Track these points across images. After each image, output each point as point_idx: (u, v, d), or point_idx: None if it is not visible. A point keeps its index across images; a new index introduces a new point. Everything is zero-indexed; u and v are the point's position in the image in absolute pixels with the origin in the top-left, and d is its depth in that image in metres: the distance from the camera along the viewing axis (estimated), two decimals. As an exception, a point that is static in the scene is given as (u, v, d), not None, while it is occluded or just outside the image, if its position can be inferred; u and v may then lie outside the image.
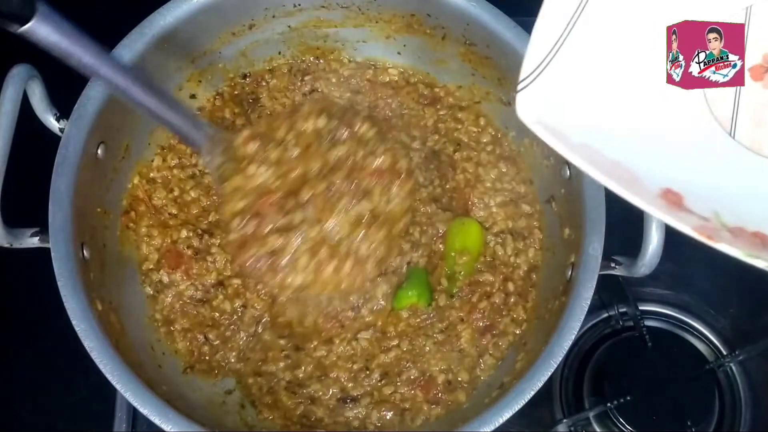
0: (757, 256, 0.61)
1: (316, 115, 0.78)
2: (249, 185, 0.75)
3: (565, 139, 0.64)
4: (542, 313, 0.85)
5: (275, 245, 0.73)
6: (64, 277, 0.74)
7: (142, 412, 0.71)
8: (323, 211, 0.74)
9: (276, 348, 0.87)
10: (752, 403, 0.98)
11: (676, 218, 0.62)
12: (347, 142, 0.78)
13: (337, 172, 0.76)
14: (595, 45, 0.69)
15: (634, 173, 0.66)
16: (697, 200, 0.66)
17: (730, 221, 0.65)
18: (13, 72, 0.76)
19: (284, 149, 0.76)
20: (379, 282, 0.87)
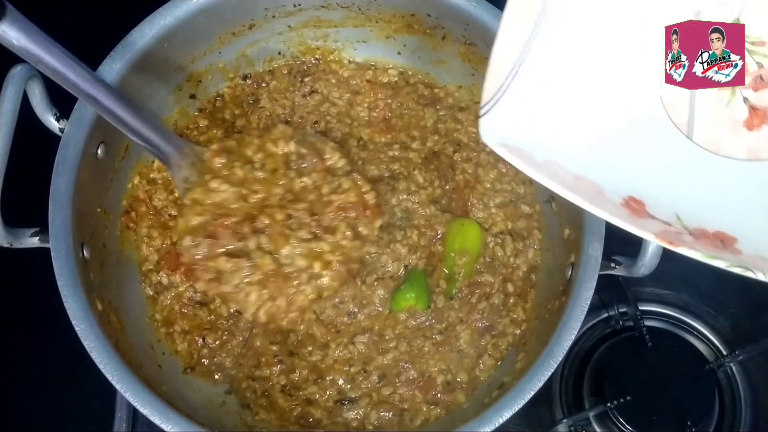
0: (717, 257, 0.62)
1: (287, 139, 0.78)
2: (209, 200, 0.75)
3: (529, 159, 0.65)
4: (542, 313, 0.85)
5: (224, 268, 0.73)
6: (64, 277, 0.74)
7: (142, 412, 0.71)
8: (278, 242, 0.74)
9: (268, 354, 0.87)
10: (752, 403, 0.98)
11: (638, 225, 0.63)
12: (315, 172, 0.78)
13: (300, 202, 0.76)
14: (552, 65, 0.70)
15: (597, 185, 0.67)
16: (660, 205, 0.67)
17: (691, 223, 0.66)
18: (13, 72, 0.76)
19: (250, 169, 0.77)
20: (376, 287, 0.87)
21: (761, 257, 0.64)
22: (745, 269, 0.62)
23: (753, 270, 0.62)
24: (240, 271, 0.73)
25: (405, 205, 0.91)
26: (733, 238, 0.66)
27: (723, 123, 0.73)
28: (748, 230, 0.66)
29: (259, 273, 0.73)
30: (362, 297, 0.88)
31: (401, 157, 0.94)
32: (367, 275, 0.88)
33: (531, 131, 0.68)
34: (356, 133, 0.97)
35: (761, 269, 0.62)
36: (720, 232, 0.66)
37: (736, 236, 0.66)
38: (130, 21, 0.84)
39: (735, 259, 0.63)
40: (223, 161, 0.77)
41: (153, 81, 0.89)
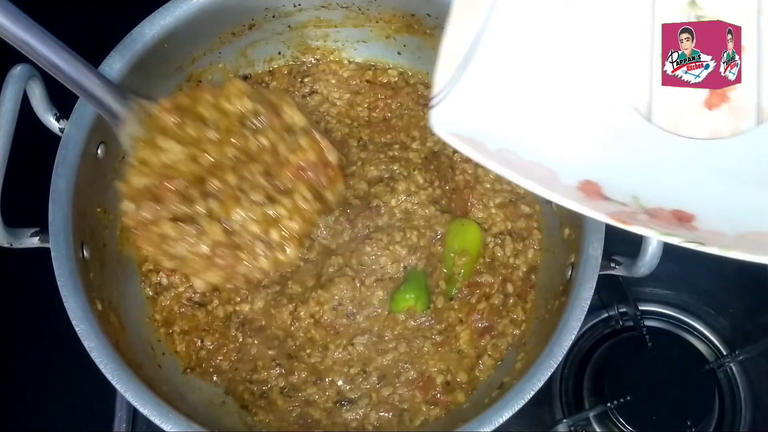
0: (672, 233, 0.62)
1: (243, 95, 0.73)
2: (157, 160, 0.70)
3: (482, 147, 0.65)
4: (542, 313, 0.85)
5: (168, 234, 0.68)
6: (64, 277, 0.74)
7: (142, 412, 0.71)
8: (229, 206, 0.69)
9: (266, 358, 0.86)
10: (752, 403, 0.98)
11: (591, 207, 0.63)
12: (272, 132, 0.72)
13: (255, 164, 0.70)
14: (505, 53, 0.70)
15: (552, 170, 0.67)
16: (616, 187, 0.67)
17: (649, 203, 0.66)
18: (13, 72, 0.76)
19: (203, 128, 0.71)
20: (375, 288, 0.87)
21: (717, 232, 0.64)
22: (699, 244, 0.62)
23: (707, 244, 0.62)
24: (186, 237, 0.68)
25: (404, 206, 0.91)
26: (690, 215, 0.66)
27: (683, 104, 0.73)
28: (707, 207, 0.67)
29: (208, 241, 0.68)
30: (361, 298, 0.87)
31: (401, 158, 0.94)
32: (366, 276, 0.88)
33: (483, 120, 0.68)
34: (356, 133, 0.97)
35: (716, 243, 0.62)
36: (678, 210, 0.66)
37: (694, 213, 0.66)
38: (130, 21, 0.84)
39: (690, 235, 0.63)
40: (174, 118, 0.71)
41: (153, 81, 0.89)
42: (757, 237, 0.64)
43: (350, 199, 0.91)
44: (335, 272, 0.88)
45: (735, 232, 0.64)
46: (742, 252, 0.61)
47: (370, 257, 0.88)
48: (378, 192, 0.91)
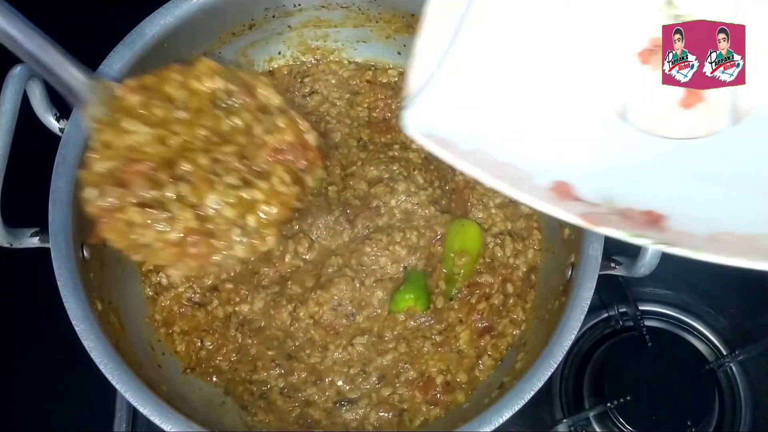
0: (642, 235, 0.62)
1: (213, 74, 0.68)
2: (121, 143, 0.65)
3: (454, 148, 0.65)
4: (542, 313, 0.85)
5: (135, 221, 0.63)
6: (64, 277, 0.74)
7: (142, 412, 0.71)
8: (201, 189, 0.64)
9: (265, 359, 0.86)
10: (752, 403, 0.98)
11: (562, 208, 0.63)
12: (246, 112, 0.68)
13: (228, 145, 0.66)
14: (479, 52, 0.69)
15: (524, 171, 0.67)
16: (588, 187, 0.67)
17: (621, 203, 0.66)
18: (13, 72, 0.76)
19: (171, 109, 0.66)
20: (375, 288, 0.87)
21: (688, 233, 0.64)
22: (668, 245, 0.62)
23: (677, 246, 0.61)
24: (155, 224, 0.63)
25: (404, 207, 0.91)
26: (661, 215, 0.66)
27: (659, 103, 0.73)
28: (679, 207, 0.66)
29: (179, 228, 0.64)
30: (361, 299, 0.87)
31: (401, 158, 0.94)
32: (365, 277, 0.88)
33: (456, 121, 0.68)
34: (356, 133, 0.97)
35: (686, 245, 0.61)
36: (650, 211, 0.66)
37: (666, 214, 0.66)
38: (130, 21, 0.84)
39: (660, 237, 0.62)
40: (140, 99, 0.67)
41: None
42: (728, 239, 0.63)
43: (350, 199, 0.91)
44: (335, 272, 0.88)
45: (706, 233, 0.64)
46: (712, 254, 0.61)
47: (370, 257, 0.88)
48: (378, 192, 0.91)
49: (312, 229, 0.90)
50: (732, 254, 0.61)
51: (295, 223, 0.90)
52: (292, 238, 0.90)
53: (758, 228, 0.64)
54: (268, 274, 0.89)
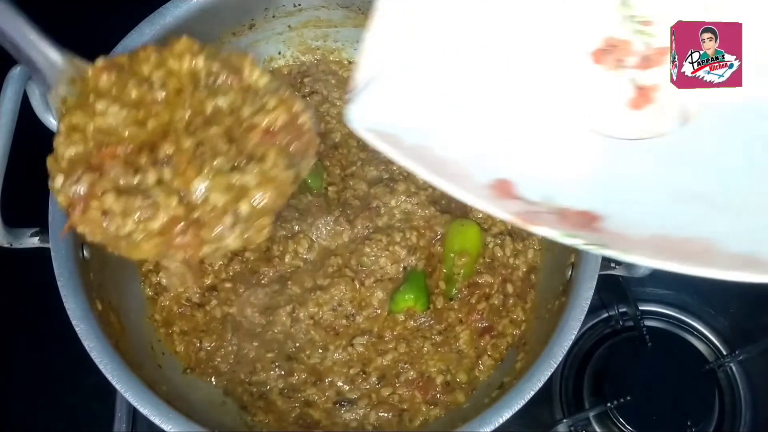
0: (574, 235, 0.61)
1: (193, 54, 0.63)
2: (92, 125, 0.60)
3: (399, 143, 0.65)
4: (542, 313, 0.85)
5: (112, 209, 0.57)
6: (64, 277, 0.74)
7: (142, 412, 0.71)
8: (187, 174, 0.58)
9: (265, 360, 0.86)
10: (752, 403, 0.98)
11: (497, 207, 0.63)
12: (231, 92, 0.62)
13: (214, 127, 0.60)
14: (426, 50, 0.69)
15: (466, 168, 0.66)
16: (530, 185, 0.67)
17: (560, 203, 0.66)
18: (12, 72, 0.75)
19: (148, 89, 0.61)
20: (374, 289, 0.87)
21: (623, 236, 0.63)
22: (600, 246, 0.61)
23: (608, 247, 0.61)
24: (135, 212, 0.57)
25: (404, 207, 0.91)
26: (598, 216, 0.65)
27: (608, 104, 0.73)
28: (618, 208, 0.66)
29: (164, 216, 0.58)
30: (360, 299, 0.87)
31: (401, 158, 0.94)
32: (365, 277, 0.88)
33: (401, 117, 0.67)
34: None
35: (618, 247, 0.61)
36: (587, 211, 0.65)
37: (603, 214, 0.65)
38: (129, 21, 0.84)
39: (592, 237, 0.62)
40: (112, 78, 0.61)
41: None
42: (662, 242, 0.63)
43: (350, 199, 0.91)
44: (334, 273, 0.88)
45: (642, 235, 0.63)
46: (643, 257, 0.61)
47: (370, 258, 0.88)
48: (378, 193, 0.91)
49: (312, 230, 0.90)
50: (664, 258, 0.61)
51: (295, 224, 0.90)
52: (292, 238, 0.89)
53: (693, 232, 0.64)
54: (267, 274, 0.89)
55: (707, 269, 0.60)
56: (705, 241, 0.63)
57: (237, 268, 0.89)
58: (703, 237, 0.63)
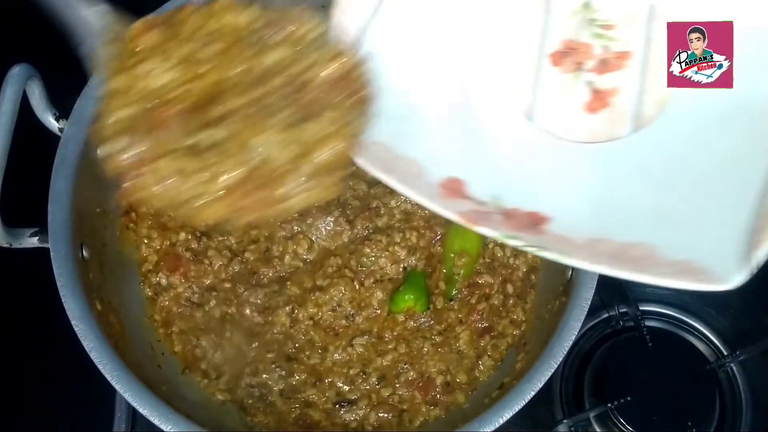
0: (516, 236, 0.63)
1: (239, 9, 0.60)
2: (139, 88, 0.57)
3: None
4: (542, 314, 0.85)
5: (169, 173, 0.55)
6: (64, 277, 0.74)
7: (142, 412, 0.71)
8: (245, 132, 0.56)
9: (265, 361, 0.86)
10: (753, 404, 0.97)
11: (443, 206, 0.63)
12: (282, 47, 0.59)
13: (266, 85, 0.57)
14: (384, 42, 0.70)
15: (419, 165, 0.67)
16: (480, 185, 0.68)
17: (508, 203, 0.66)
18: (12, 72, 0.76)
19: (193, 48, 0.58)
20: (374, 289, 0.87)
21: (565, 237, 0.64)
22: (539, 249, 0.62)
23: (546, 250, 0.62)
24: (192, 175, 0.55)
25: (404, 207, 0.91)
26: (546, 218, 0.66)
27: (565, 106, 0.74)
28: (565, 211, 0.67)
29: (225, 177, 0.55)
30: (360, 299, 0.87)
31: (401, 157, 0.94)
32: (365, 278, 0.87)
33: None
34: (356, 133, 0.97)
35: (557, 250, 0.62)
36: (535, 213, 0.66)
37: (551, 216, 0.66)
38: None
39: (534, 239, 0.63)
40: (158, 37, 0.59)
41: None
42: (603, 246, 0.63)
43: (350, 199, 0.91)
44: (334, 273, 0.88)
45: (585, 239, 0.64)
46: (580, 260, 0.62)
47: (369, 258, 0.88)
48: (378, 193, 0.91)
49: (311, 230, 0.90)
50: (602, 262, 0.62)
51: (295, 224, 0.90)
52: (291, 238, 0.89)
53: (635, 238, 0.64)
54: (267, 274, 0.89)
55: (644, 275, 0.61)
56: (646, 247, 0.64)
57: (236, 268, 0.89)
58: (644, 243, 0.64)
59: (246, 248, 0.89)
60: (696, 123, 0.72)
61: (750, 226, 0.62)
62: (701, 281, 0.60)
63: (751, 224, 0.62)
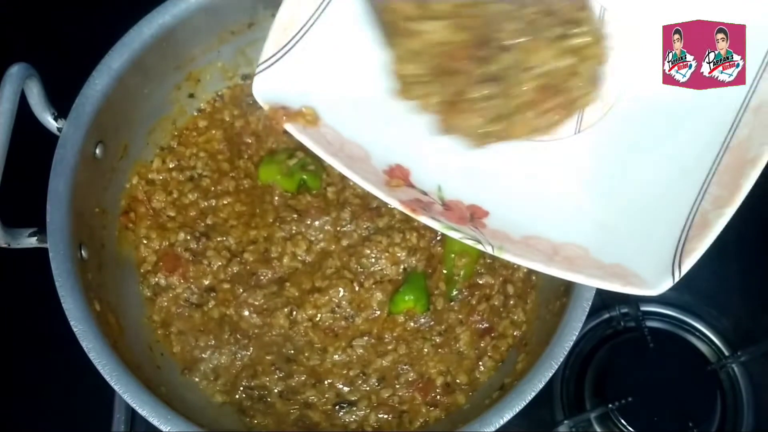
0: (456, 228, 0.64)
1: None
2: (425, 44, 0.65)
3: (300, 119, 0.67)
4: (543, 314, 0.85)
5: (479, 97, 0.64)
6: (62, 277, 0.74)
7: (141, 413, 0.70)
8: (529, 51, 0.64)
9: (264, 363, 0.86)
10: (754, 404, 0.97)
11: (386, 193, 0.65)
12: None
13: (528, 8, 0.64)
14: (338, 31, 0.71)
15: (365, 151, 0.68)
16: (424, 175, 0.69)
17: (449, 195, 0.68)
18: (10, 71, 0.75)
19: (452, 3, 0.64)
20: (374, 290, 0.87)
21: (502, 233, 0.66)
22: (475, 242, 0.64)
23: (484, 243, 0.64)
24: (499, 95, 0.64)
25: (404, 208, 0.90)
26: (485, 212, 0.68)
27: None
28: (503, 206, 0.68)
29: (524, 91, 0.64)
30: (360, 301, 0.87)
31: (401, 157, 0.94)
32: (364, 279, 0.87)
33: (307, 94, 0.69)
34: (356, 133, 0.97)
35: (496, 244, 0.64)
36: (474, 206, 0.68)
37: (489, 211, 0.68)
38: (127, 20, 0.84)
39: (472, 233, 0.65)
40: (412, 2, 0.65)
41: (151, 80, 0.88)
42: (538, 243, 0.65)
43: (349, 198, 0.91)
44: (333, 275, 0.87)
45: (521, 234, 0.66)
46: (514, 256, 0.64)
47: (369, 259, 0.88)
48: (377, 193, 0.91)
49: (310, 231, 0.89)
50: (535, 259, 0.64)
51: (294, 225, 0.89)
52: (290, 239, 0.89)
53: (570, 238, 0.66)
54: (266, 275, 0.89)
55: (575, 275, 0.63)
56: (580, 249, 0.66)
57: (235, 269, 0.88)
58: (578, 244, 0.66)
59: (245, 249, 0.89)
60: (635, 130, 0.73)
61: (681, 234, 0.63)
62: (630, 284, 0.62)
63: (682, 233, 0.63)
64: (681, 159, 0.69)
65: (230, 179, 0.93)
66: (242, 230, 0.91)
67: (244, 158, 0.95)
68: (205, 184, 0.93)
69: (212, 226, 0.91)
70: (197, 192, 0.92)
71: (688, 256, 0.62)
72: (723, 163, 0.66)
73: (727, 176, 0.65)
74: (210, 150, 0.95)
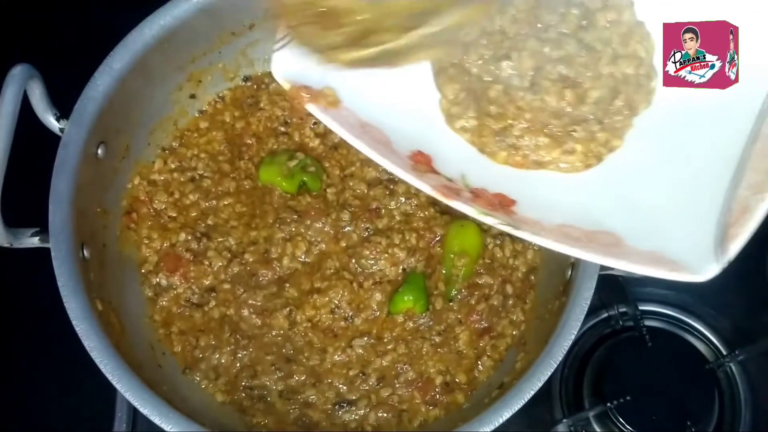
0: (490, 214, 0.65)
1: None
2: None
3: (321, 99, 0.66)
4: (542, 313, 0.85)
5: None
6: (64, 277, 0.74)
7: (142, 412, 0.71)
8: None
9: (264, 363, 0.86)
10: (752, 403, 0.98)
11: (417, 178, 0.65)
12: None
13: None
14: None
15: (386, 135, 0.67)
16: (447, 162, 0.69)
17: (474, 183, 0.68)
18: (13, 72, 0.76)
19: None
20: (373, 291, 0.87)
21: (533, 220, 0.66)
22: (513, 228, 0.64)
23: (520, 228, 0.64)
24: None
25: (404, 209, 0.91)
26: (512, 200, 0.68)
27: None
28: (529, 196, 0.69)
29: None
30: (359, 301, 0.87)
31: (401, 158, 0.94)
32: (364, 280, 0.88)
33: (325, 74, 0.67)
34: (356, 133, 0.97)
35: (528, 229, 0.64)
36: (500, 194, 0.68)
37: (516, 199, 0.68)
38: (129, 21, 0.84)
39: (507, 219, 0.65)
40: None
41: (153, 81, 0.89)
42: (571, 231, 0.65)
43: (349, 199, 0.91)
44: (332, 275, 0.88)
45: (551, 223, 0.66)
46: (552, 241, 0.63)
47: (368, 260, 0.88)
48: (377, 194, 0.91)
49: (310, 232, 0.90)
50: (571, 244, 0.64)
51: (293, 226, 0.90)
52: (290, 240, 0.89)
53: (603, 226, 0.66)
54: (266, 276, 0.89)
55: (615, 260, 0.63)
56: (614, 236, 0.65)
57: (236, 269, 0.89)
58: (612, 231, 0.66)
59: (245, 249, 0.90)
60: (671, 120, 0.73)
61: (722, 219, 0.63)
62: (674, 271, 0.61)
63: (723, 218, 0.63)
64: (713, 147, 0.69)
65: (231, 180, 0.93)
66: (243, 231, 0.91)
67: (245, 159, 0.95)
68: (206, 185, 0.93)
69: (213, 227, 0.91)
70: (198, 193, 0.92)
71: (732, 242, 0.61)
72: (756, 150, 0.66)
73: (761, 163, 0.65)
74: (211, 151, 0.95)
